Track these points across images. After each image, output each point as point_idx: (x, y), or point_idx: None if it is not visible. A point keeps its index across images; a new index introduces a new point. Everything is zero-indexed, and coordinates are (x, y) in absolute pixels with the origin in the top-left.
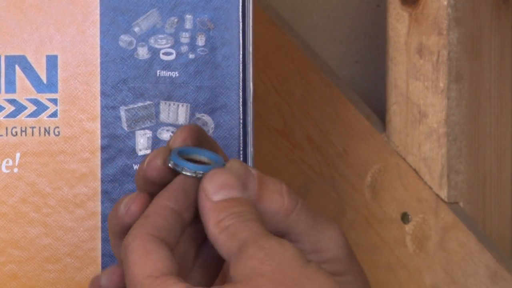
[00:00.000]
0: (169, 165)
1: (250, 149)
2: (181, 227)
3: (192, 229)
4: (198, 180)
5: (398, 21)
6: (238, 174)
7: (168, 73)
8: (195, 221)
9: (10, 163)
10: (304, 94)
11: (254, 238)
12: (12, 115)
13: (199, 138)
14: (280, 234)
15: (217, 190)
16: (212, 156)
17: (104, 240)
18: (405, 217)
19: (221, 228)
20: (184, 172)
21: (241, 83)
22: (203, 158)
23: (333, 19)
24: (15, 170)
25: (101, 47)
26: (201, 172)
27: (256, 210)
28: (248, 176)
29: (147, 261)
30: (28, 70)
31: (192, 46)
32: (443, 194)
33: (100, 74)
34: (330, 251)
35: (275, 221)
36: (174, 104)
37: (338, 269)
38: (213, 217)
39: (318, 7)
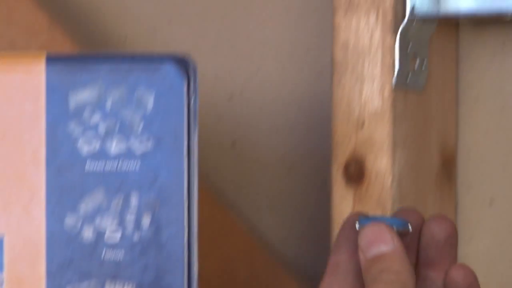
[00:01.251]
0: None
1: None
2: (354, 274)
3: None
4: None
5: (342, 202)
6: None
7: (114, 252)
8: None
9: None
10: (249, 276)
11: None
12: None
13: None
14: None
15: (368, 245)
16: (396, 221)
17: None
18: None
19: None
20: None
21: (186, 264)
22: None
23: (278, 201)
24: None
25: (47, 228)
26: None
27: (401, 261)
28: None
29: None
30: None
31: (137, 226)
32: None
33: (46, 256)
34: None
35: None
36: (119, 284)
37: None
38: (364, 276)
39: (263, 187)
